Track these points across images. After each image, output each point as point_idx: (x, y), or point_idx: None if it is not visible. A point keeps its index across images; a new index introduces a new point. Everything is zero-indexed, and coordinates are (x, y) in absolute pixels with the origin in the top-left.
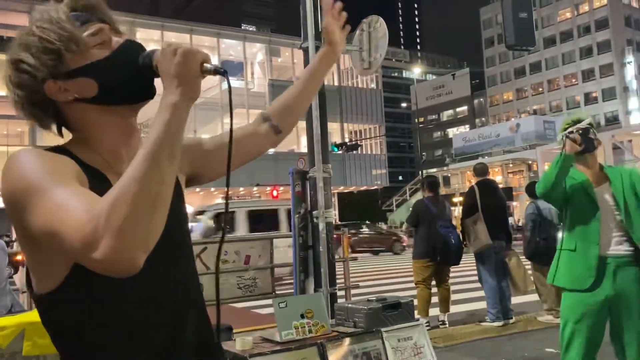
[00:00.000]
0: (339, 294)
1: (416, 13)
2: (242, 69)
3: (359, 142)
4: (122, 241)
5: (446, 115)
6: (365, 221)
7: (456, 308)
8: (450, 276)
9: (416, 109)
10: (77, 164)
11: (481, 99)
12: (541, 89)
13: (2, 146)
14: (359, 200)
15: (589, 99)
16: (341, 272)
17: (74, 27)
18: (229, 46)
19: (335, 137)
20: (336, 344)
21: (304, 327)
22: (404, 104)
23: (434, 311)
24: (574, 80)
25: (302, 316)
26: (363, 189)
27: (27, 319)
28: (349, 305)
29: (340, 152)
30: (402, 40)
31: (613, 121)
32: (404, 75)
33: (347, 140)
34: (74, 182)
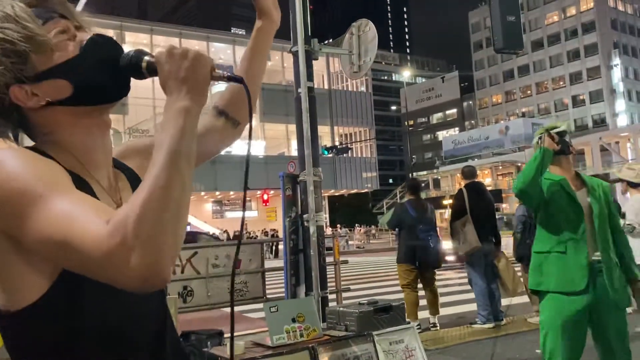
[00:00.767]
0: (330, 297)
1: (405, 16)
2: (231, 73)
3: (349, 145)
4: (155, 253)
5: (436, 118)
6: (355, 224)
7: (447, 310)
8: (440, 279)
9: (406, 111)
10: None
11: (470, 102)
12: (529, 92)
13: None
14: (350, 204)
15: (576, 102)
16: (332, 276)
17: (37, 25)
18: (218, 50)
19: (325, 141)
20: (328, 347)
21: (296, 331)
22: (394, 107)
23: (425, 314)
24: (561, 83)
25: (294, 320)
26: (353, 192)
27: None
28: (341, 308)
29: (331, 155)
30: (391, 43)
31: (600, 123)
32: (394, 78)
33: (337, 143)
34: (73, 188)
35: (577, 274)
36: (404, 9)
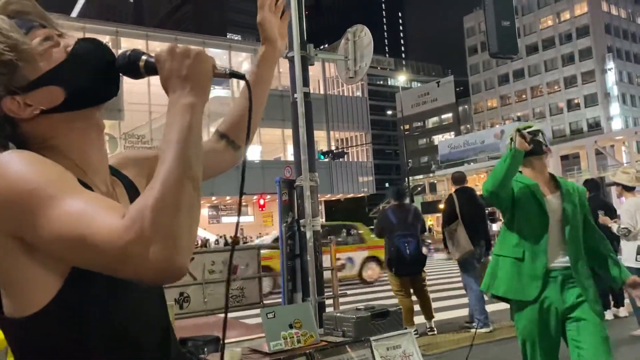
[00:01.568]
0: (327, 302)
1: (400, 21)
2: (227, 79)
3: (345, 150)
4: (173, 244)
5: (431, 122)
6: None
7: (444, 315)
8: (436, 283)
9: (402, 116)
10: None
11: (466, 106)
12: (524, 96)
13: None
14: (346, 208)
15: (571, 106)
16: (329, 281)
17: (21, 34)
18: (214, 55)
19: (321, 145)
20: (325, 353)
21: (293, 337)
22: (390, 112)
23: (422, 318)
24: (556, 87)
25: (291, 326)
26: (350, 196)
27: None
28: (338, 314)
29: (327, 160)
30: (386, 48)
31: (595, 127)
32: (389, 83)
33: (333, 148)
34: (82, 187)
35: (529, 283)
36: (399, 14)
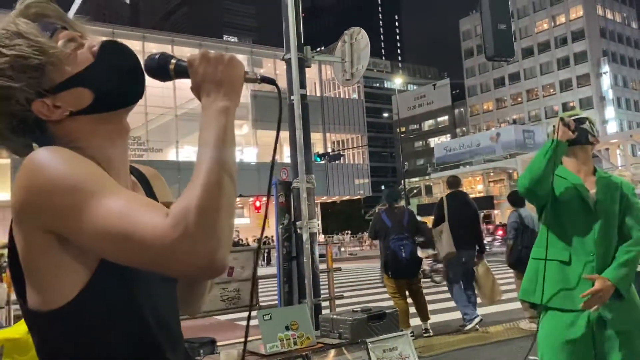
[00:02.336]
0: (323, 304)
1: (397, 24)
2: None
3: (341, 152)
4: (216, 241)
5: (427, 125)
6: (347, 230)
7: (440, 317)
8: (432, 285)
9: (398, 118)
10: None
11: (462, 109)
12: (520, 99)
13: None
14: (342, 210)
15: (566, 109)
16: (325, 283)
17: (46, 37)
18: None
19: (318, 147)
20: (321, 355)
21: (289, 339)
22: (386, 114)
23: (418, 320)
24: (552, 90)
25: (287, 328)
26: (346, 198)
27: (6, 335)
28: (334, 316)
29: (323, 162)
30: (383, 51)
31: None
32: (386, 85)
33: (329, 150)
34: (120, 186)
35: (578, 290)
36: (396, 16)
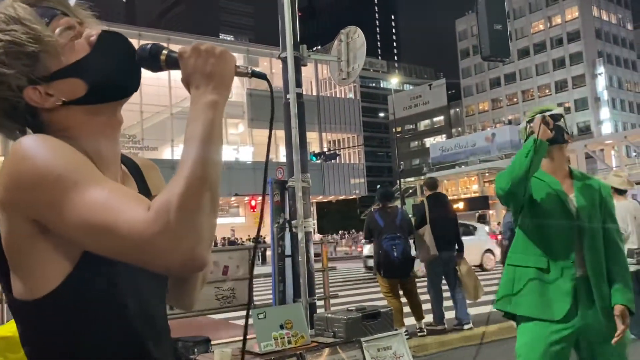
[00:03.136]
0: (318, 303)
1: (393, 24)
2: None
3: (337, 152)
4: (196, 237)
5: (423, 125)
6: (342, 230)
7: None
8: (425, 285)
9: (394, 118)
10: None
11: (457, 109)
12: (516, 100)
13: None
14: (338, 210)
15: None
16: (320, 282)
17: (43, 25)
18: None
19: (313, 147)
20: (316, 354)
21: (283, 338)
22: (382, 114)
23: (412, 320)
24: (547, 91)
25: (282, 327)
26: (342, 198)
27: None
28: (329, 315)
29: (319, 161)
30: (379, 50)
31: (585, 131)
32: (382, 85)
33: (325, 149)
34: (105, 177)
35: (556, 299)
36: (392, 16)
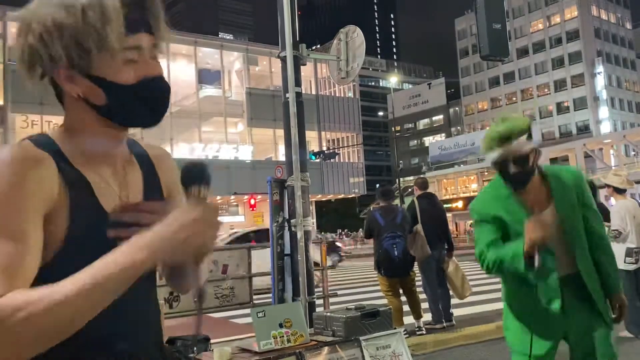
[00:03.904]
0: (317, 302)
1: (392, 23)
2: (219, 78)
3: (336, 151)
4: (19, 348)
5: (422, 124)
6: (342, 229)
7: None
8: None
9: (393, 117)
10: (57, 175)
11: (456, 108)
12: (515, 99)
13: None
14: (337, 209)
15: (560, 109)
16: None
17: (119, 32)
18: (206, 54)
19: (313, 146)
20: (315, 353)
21: (283, 336)
22: (381, 113)
23: (411, 319)
24: (546, 90)
25: (281, 325)
26: (341, 197)
27: None
28: (328, 314)
29: (318, 160)
30: (378, 49)
31: (584, 130)
32: (381, 84)
33: (324, 148)
34: (10, 228)
35: (546, 319)
36: (391, 15)
